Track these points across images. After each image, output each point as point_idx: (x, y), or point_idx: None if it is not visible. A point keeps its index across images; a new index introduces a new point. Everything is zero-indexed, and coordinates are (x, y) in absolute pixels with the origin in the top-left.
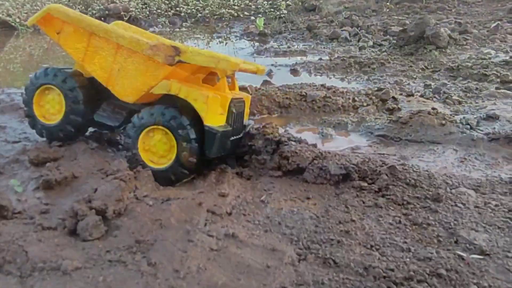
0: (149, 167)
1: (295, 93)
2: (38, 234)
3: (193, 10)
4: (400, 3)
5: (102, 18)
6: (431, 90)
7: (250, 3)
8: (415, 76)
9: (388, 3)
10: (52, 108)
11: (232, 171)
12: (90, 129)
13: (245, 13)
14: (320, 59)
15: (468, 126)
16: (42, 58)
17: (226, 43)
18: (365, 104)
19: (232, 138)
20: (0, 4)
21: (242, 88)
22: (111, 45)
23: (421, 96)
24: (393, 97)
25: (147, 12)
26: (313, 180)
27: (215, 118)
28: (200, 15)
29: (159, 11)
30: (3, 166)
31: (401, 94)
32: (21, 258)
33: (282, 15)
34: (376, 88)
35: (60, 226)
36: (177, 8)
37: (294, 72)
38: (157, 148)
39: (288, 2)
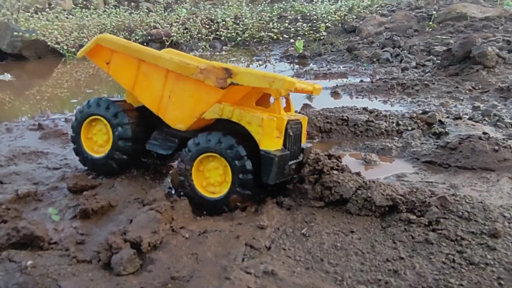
0: (204, 197)
1: (336, 117)
2: (73, 267)
3: (233, 34)
4: (443, 22)
5: (145, 44)
6: (480, 112)
7: (289, 26)
8: (461, 98)
9: (430, 23)
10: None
11: (272, 201)
12: None
13: (284, 36)
14: (361, 81)
15: None
16: (88, 84)
17: (266, 66)
18: (409, 128)
19: (291, 162)
20: (49, 33)
21: None
22: (160, 71)
23: (470, 119)
24: (440, 121)
25: (188, 37)
26: (357, 211)
27: (271, 142)
28: (239, 38)
29: (199, 35)
30: (43, 194)
31: (447, 117)
32: None
33: (322, 37)
34: (421, 111)
35: (94, 259)
36: (217, 32)
37: (335, 94)
38: (212, 175)
39: (327, 24)
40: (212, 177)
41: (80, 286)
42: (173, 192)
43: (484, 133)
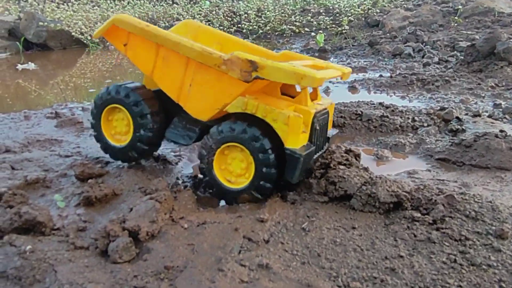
0: (223, 186)
1: (350, 112)
2: (70, 253)
3: (255, 26)
4: (469, 17)
5: None
6: (501, 110)
7: (311, 19)
8: (483, 95)
9: (456, 17)
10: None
11: (277, 194)
12: None
13: (306, 29)
14: (381, 75)
15: None
16: (110, 74)
17: None
18: (425, 124)
19: (316, 156)
20: (74, 23)
21: None
22: (180, 57)
23: (489, 116)
24: (457, 117)
25: None
26: (361, 207)
27: (297, 140)
28: (261, 31)
29: (221, 27)
30: (51, 180)
31: (466, 114)
32: (50, 278)
33: (344, 31)
34: (438, 107)
35: (92, 246)
36: (239, 25)
37: (352, 89)
38: (234, 166)
39: (350, 17)
40: (234, 167)
41: (75, 272)
42: (180, 182)
43: (501, 131)
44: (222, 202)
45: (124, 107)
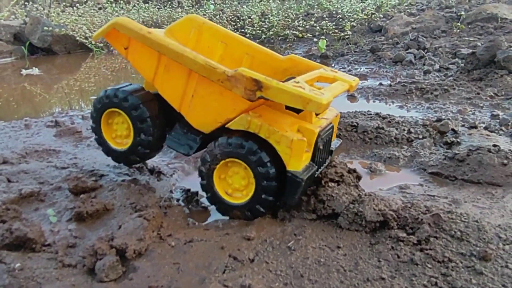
0: (225, 201)
1: (346, 123)
2: (58, 271)
3: (258, 31)
4: (472, 23)
5: None
6: (498, 121)
7: (315, 24)
8: (481, 105)
9: (459, 23)
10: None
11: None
12: None
13: (309, 34)
14: (380, 84)
15: None
16: (114, 79)
17: None
18: (421, 136)
19: (316, 173)
20: (79, 28)
21: None
22: (183, 67)
23: (486, 128)
24: (453, 129)
25: None
26: (347, 226)
27: (300, 163)
28: (264, 36)
29: None
30: (46, 194)
31: (463, 126)
32: None
33: (346, 37)
34: (435, 118)
35: (80, 264)
36: (243, 30)
37: (351, 98)
38: (234, 181)
39: (353, 23)
40: (234, 181)
41: None
42: (173, 195)
43: (494, 145)
44: (212, 217)
45: (123, 111)
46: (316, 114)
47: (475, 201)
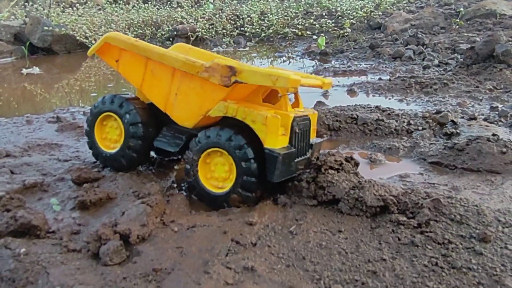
0: (211, 192)
1: (346, 116)
2: (63, 256)
3: (258, 30)
4: (471, 19)
5: (171, 39)
6: (497, 113)
7: (314, 22)
8: (480, 98)
9: (458, 20)
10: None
11: (269, 198)
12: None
13: (308, 32)
14: (380, 79)
15: None
16: (113, 77)
17: (290, 62)
18: (420, 128)
19: (298, 159)
20: (79, 28)
21: None
22: (167, 69)
23: (485, 119)
24: (452, 121)
25: (213, 33)
26: (348, 211)
27: (276, 140)
28: (264, 34)
29: (224, 31)
30: (49, 184)
31: (462, 117)
32: (43, 280)
33: (345, 34)
34: (435, 111)
35: (84, 249)
36: (242, 28)
37: (351, 92)
38: (218, 171)
39: (352, 20)
40: (217, 172)
41: (67, 274)
42: (174, 185)
43: (494, 134)
44: None
45: (117, 115)
46: (293, 107)
47: (474, 188)
